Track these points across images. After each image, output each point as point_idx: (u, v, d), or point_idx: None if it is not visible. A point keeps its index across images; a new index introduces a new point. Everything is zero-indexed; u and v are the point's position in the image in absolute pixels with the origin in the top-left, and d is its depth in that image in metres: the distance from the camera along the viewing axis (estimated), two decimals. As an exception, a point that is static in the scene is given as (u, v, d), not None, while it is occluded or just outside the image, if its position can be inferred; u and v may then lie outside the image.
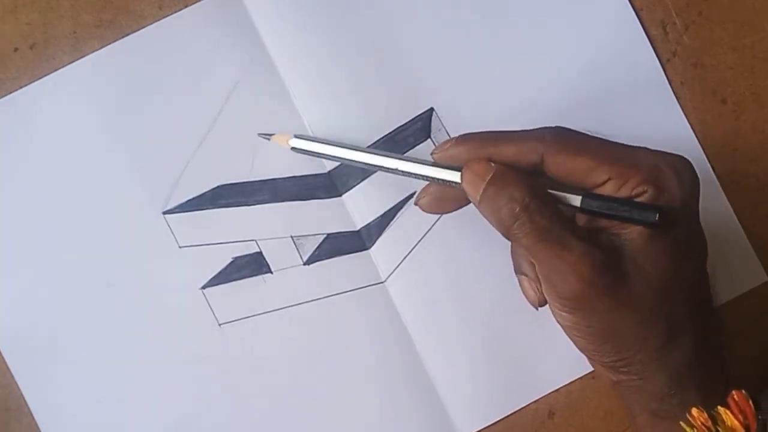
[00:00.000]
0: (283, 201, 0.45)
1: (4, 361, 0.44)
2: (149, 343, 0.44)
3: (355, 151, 0.42)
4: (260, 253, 0.45)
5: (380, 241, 0.45)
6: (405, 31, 0.46)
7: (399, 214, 0.45)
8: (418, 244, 0.45)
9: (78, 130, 0.45)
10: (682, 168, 0.36)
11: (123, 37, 0.45)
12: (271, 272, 0.45)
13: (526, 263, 0.39)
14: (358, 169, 0.45)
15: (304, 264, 0.45)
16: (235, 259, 0.45)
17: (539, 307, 0.39)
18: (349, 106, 0.45)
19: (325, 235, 0.45)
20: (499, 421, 0.45)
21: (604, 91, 0.46)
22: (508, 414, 0.45)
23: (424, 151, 0.46)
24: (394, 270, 0.45)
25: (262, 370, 0.45)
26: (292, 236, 0.45)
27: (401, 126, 0.46)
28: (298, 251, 0.45)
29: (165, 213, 0.45)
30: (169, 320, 0.44)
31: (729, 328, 0.47)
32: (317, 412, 0.45)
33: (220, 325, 0.45)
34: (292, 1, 0.45)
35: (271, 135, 0.44)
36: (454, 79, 0.46)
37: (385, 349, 0.45)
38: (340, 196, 0.45)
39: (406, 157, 0.40)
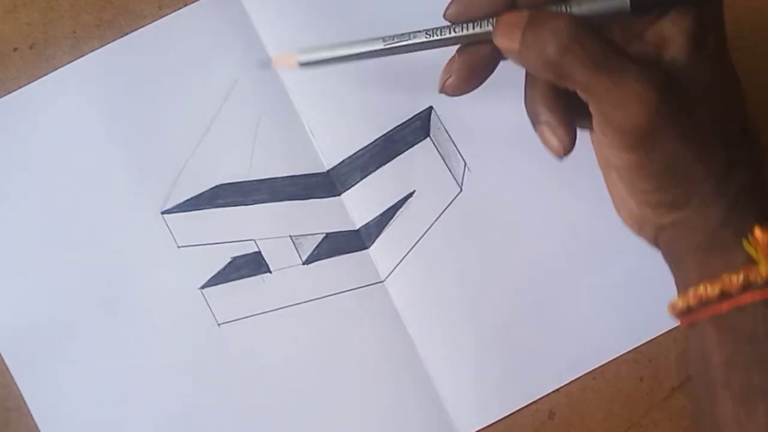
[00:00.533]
0: (282, 200, 0.45)
1: (4, 361, 0.44)
2: (148, 343, 0.44)
3: (366, 44, 0.37)
4: (259, 252, 0.45)
5: (379, 241, 0.45)
6: (404, 30, 0.46)
7: (398, 213, 0.45)
8: (417, 244, 0.45)
9: (77, 130, 0.45)
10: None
11: (122, 37, 0.45)
12: (270, 272, 0.45)
13: (546, 108, 0.36)
14: (357, 168, 0.45)
15: (303, 263, 0.45)
16: (234, 259, 0.45)
17: (564, 157, 0.36)
18: (347, 104, 0.45)
19: (324, 235, 0.45)
20: (499, 421, 0.45)
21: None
22: (508, 414, 0.45)
23: (423, 151, 0.46)
24: (394, 269, 0.45)
25: (262, 369, 0.45)
26: (291, 236, 0.45)
27: (400, 125, 0.46)
28: (297, 251, 0.45)
29: (163, 213, 0.45)
30: (168, 320, 0.44)
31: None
32: (317, 411, 0.45)
33: (219, 325, 0.45)
34: (291, 0, 0.45)
35: (269, 60, 0.41)
36: (453, 78, 0.46)
37: (385, 349, 0.45)
38: (339, 195, 0.45)
39: (422, 30, 0.37)
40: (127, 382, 0.44)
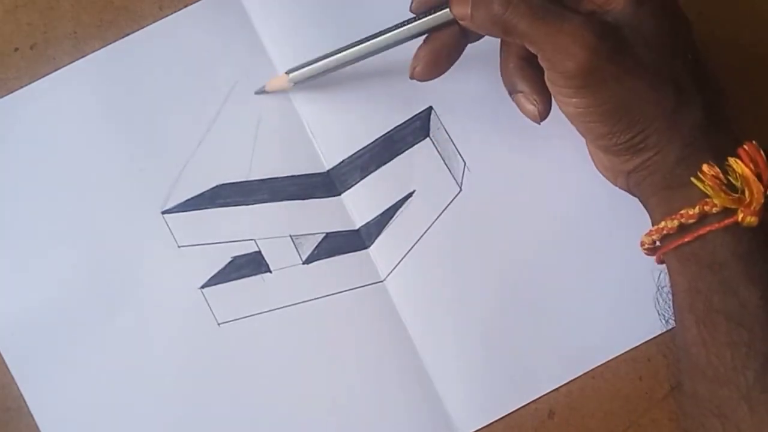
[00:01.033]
0: (282, 200, 0.45)
1: (4, 361, 0.44)
2: (148, 342, 0.44)
3: (348, 51, 0.41)
4: (259, 252, 0.45)
5: (379, 240, 0.45)
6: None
7: (398, 213, 0.45)
8: (417, 243, 0.45)
9: (78, 130, 0.45)
10: None
11: (123, 37, 0.45)
12: (270, 271, 0.45)
13: (519, 78, 0.40)
14: (357, 168, 0.45)
15: (303, 263, 0.45)
16: (234, 259, 0.45)
17: (541, 121, 0.39)
18: (347, 105, 0.45)
19: (324, 235, 0.45)
20: (499, 421, 0.45)
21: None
22: (508, 413, 0.45)
23: (423, 151, 0.46)
24: (394, 269, 0.45)
25: (262, 369, 0.45)
26: (291, 235, 0.45)
27: (400, 125, 0.46)
28: (297, 250, 0.45)
29: (164, 213, 0.45)
30: (168, 320, 0.44)
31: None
32: (316, 411, 0.45)
33: (219, 324, 0.45)
34: (291, 1, 0.45)
35: (263, 88, 0.44)
36: (453, 78, 0.46)
37: (385, 348, 0.45)
38: (339, 195, 0.45)
39: (394, 27, 0.41)
40: (127, 381, 0.44)
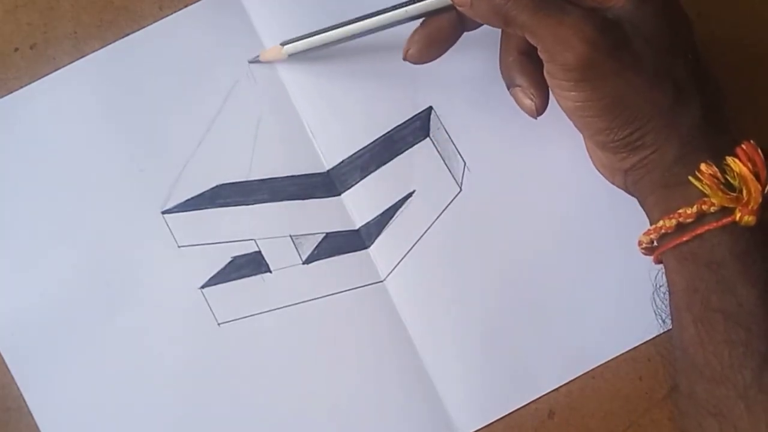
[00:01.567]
0: (282, 200, 0.45)
1: (4, 361, 0.44)
2: (148, 342, 0.44)
3: (344, 28, 0.41)
4: (259, 252, 0.45)
5: (379, 240, 0.45)
6: (404, 31, 0.46)
7: (398, 213, 0.45)
8: (417, 243, 0.45)
9: (78, 130, 0.45)
10: None
11: (123, 38, 0.45)
12: (270, 272, 0.45)
13: (518, 72, 0.40)
14: (357, 168, 0.45)
15: (303, 263, 0.45)
16: (234, 259, 0.45)
17: (537, 116, 0.39)
18: (347, 104, 0.45)
19: (324, 235, 0.45)
20: (499, 421, 0.45)
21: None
22: (508, 413, 0.45)
23: (423, 151, 0.46)
24: (394, 269, 0.45)
25: (262, 369, 0.45)
26: (291, 235, 0.45)
27: (400, 125, 0.46)
28: (297, 250, 0.45)
29: (164, 213, 0.45)
30: (168, 320, 0.44)
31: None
32: (316, 411, 0.45)
33: (219, 324, 0.45)
34: (291, 1, 0.45)
35: (257, 57, 0.44)
36: (453, 78, 0.46)
37: (385, 348, 0.45)
38: (339, 195, 0.45)
39: (392, 7, 0.40)
40: (127, 381, 0.44)
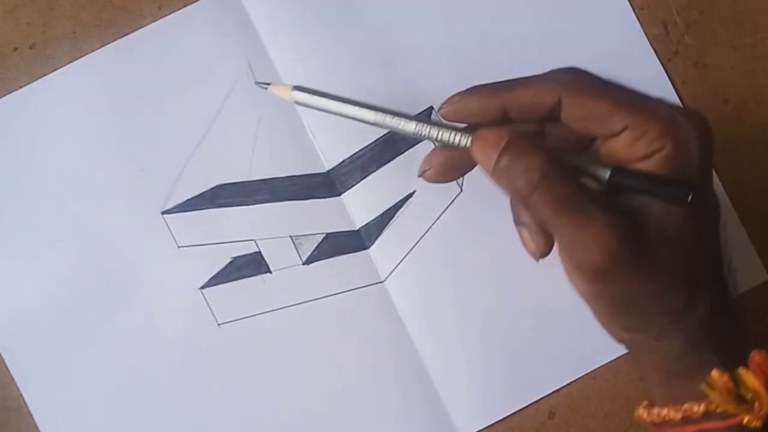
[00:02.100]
0: (282, 200, 0.45)
1: (4, 361, 0.44)
2: (148, 342, 0.44)
3: (357, 108, 0.37)
4: (259, 252, 0.45)
5: (380, 241, 0.45)
6: (404, 31, 0.46)
7: (398, 214, 0.45)
8: (417, 244, 0.45)
9: (77, 130, 0.45)
10: (701, 123, 0.34)
11: (122, 37, 0.45)
12: (270, 272, 0.45)
13: (526, 213, 0.37)
14: (358, 169, 0.45)
15: (304, 264, 0.45)
16: (234, 259, 0.45)
17: (539, 259, 0.38)
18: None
19: (324, 235, 0.45)
20: (500, 421, 0.45)
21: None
22: (509, 414, 0.45)
23: (424, 151, 0.45)
24: (394, 269, 0.45)
25: (262, 369, 0.45)
26: (291, 236, 0.45)
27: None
28: (298, 251, 0.45)
29: (164, 213, 0.45)
30: (168, 320, 0.44)
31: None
32: (316, 411, 0.45)
33: (219, 325, 0.45)
34: (291, 1, 0.45)
35: (268, 84, 0.40)
36: (454, 79, 0.46)
37: (385, 349, 0.45)
38: (340, 195, 0.45)
39: (411, 116, 0.36)
40: (127, 381, 0.44)
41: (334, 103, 0.37)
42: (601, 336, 0.45)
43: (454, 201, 0.45)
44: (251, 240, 0.45)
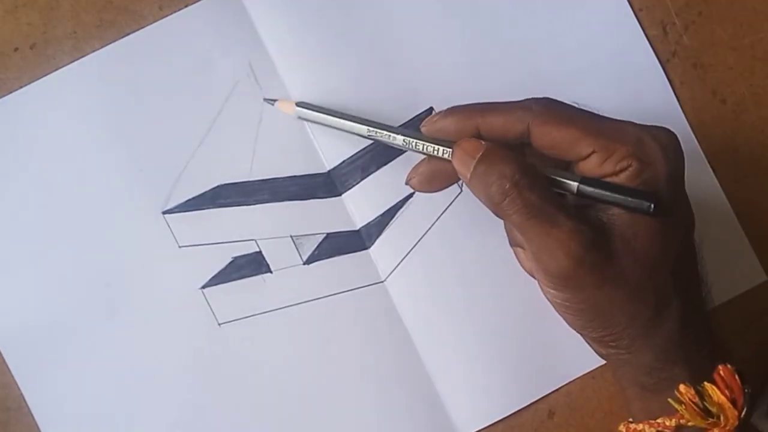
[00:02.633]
0: (283, 200, 0.45)
1: (4, 361, 0.44)
2: (149, 343, 0.44)
3: (351, 122, 0.42)
4: (260, 252, 0.45)
5: (380, 241, 0.45)
6: (404, 31, 0.46)
7: (399, 214, 0.45)
8: (417, 244, 0.45)
9: (78, 130, 0.45)
10: (667, 141, 0.36)
11: (123, 37, 0.45)
12: (271, 272, 0.45)
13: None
14: (358, 169, 0.45)
15: (304, 263, 0.45)
16: (235, 259, 0.45)
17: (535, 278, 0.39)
18: (348, 105, 0.45)
19: (324, 235, 0.45)
20: (499, 421, 0.45)
21: (604, 92, 0.47)
22: (509, 414, 0.45)
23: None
24: (394, 269, 0.45)
25: (262, 369, 0.45)
26: (291, 236, 0.45)
27: (401, 125, 0.45)
28: (298, 251, 0.45)
29: (165, 213, 0.45)
30: (168, 320, 0.44)
31: (729, 327, 0.47)
32: (317, 411, 0.45)
33: (219, 324, 0.45)
34: (292, 1, 0.45)
35: (275, 100, 0.45)
36: (454, 79, 0.46)
37: (385, 349, 0.45)
38: (340, 195, 0.45)
39: (400, 130, 0.40)
40: (128, 381, 0.44)
41: (331, 118, 0.43)
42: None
43: (454, 201, 0.46)
44: (252, 240, 0.45)
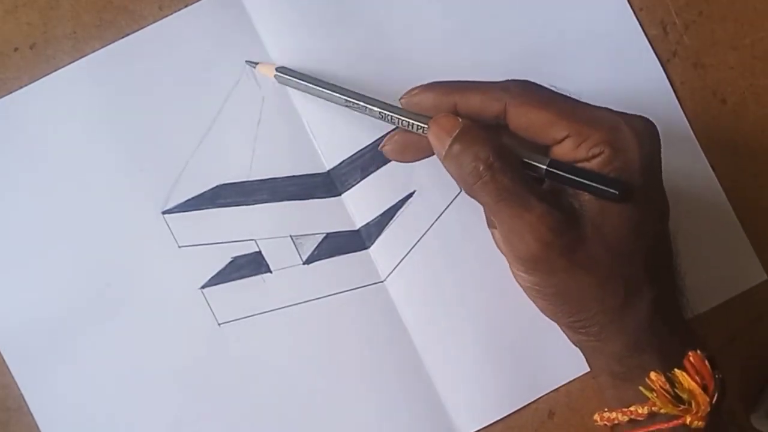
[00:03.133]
0: (283, 200, 0.45)
1: (4, 361, 0.44)
2: (149, 343, 0.44)
3: (330, 91, 0.42)
4: (259, 252, 0.45)
5: (380, 241, 0.45)
6: (403, 31, 0.46)
7: (398, 214, 0.45)
8: (417, 244, 0.45)
9: (78, 130, 0.45)
10: (642, 129, 0.36)
11: (123, 37, 0.45)
12: (271, 272, 0.45)
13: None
14: (358, 168, 0.45)
15: (304, 263, 0.45)
16: (235, 259, 0.45)
17: None
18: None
19: (324, 235, 0.45)
20: (499, 421, 0.45)
21: (605, 92, 0.47)
22: (508, 414, 0.45)
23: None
24: (394, 269, 0.45)
25: (262, 369, 0.45)
26: (291, 236, 0.45)
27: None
28: (298, 251, 0.45)
29: (164, 213, 0.45)
30: (168, 320, 0.44)
31: (729, 327, 0.47)
32: (317, 411, 0.45)
33: (219, 324, 0.45)
34: (292, 1, 0.45)
35: (256, 63, 0.45)
36: (453, 78, 0.46)
37: (385, 349, 0.45)
38: (340, 195, 0.45)
39: (378, 102, 0.40)
40: (128, 381, 0.44)
41: (309, 86, 0.43)
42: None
43: (454, 201, 0.46)
44: (251, 240, 0.45)
